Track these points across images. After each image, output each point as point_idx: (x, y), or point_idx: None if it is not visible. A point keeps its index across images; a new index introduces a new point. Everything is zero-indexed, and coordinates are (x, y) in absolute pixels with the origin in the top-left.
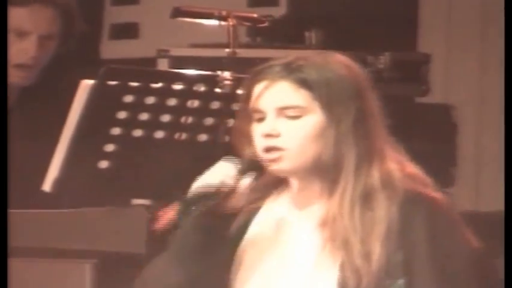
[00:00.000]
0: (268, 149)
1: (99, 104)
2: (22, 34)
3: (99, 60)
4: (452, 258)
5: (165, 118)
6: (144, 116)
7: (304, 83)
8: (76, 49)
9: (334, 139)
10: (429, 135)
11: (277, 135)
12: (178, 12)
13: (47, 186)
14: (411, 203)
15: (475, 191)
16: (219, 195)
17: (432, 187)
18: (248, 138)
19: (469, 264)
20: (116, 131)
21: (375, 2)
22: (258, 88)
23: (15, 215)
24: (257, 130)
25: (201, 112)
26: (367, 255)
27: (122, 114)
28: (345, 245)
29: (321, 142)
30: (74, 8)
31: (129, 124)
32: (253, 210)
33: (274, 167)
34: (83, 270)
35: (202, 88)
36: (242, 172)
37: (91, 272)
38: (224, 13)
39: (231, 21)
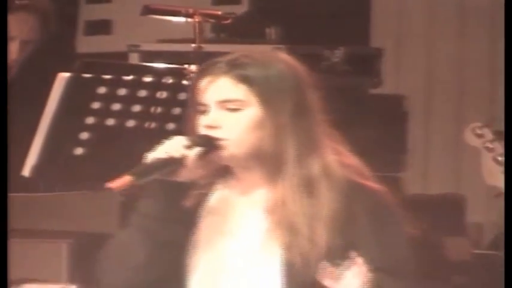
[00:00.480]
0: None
1: (75, 95)
2: (11, 39)
3: (74, 54)
4: (392, 246)
5: (136, 108)
6: (116, 107)
7: (244, 79)
8: (53, 44)
9: (272, 131)
10: (382, 123)
11: (218, 127)
12: (148, 10)
13: (26, 171)
14: (352, 192)
15: (423, 176)
16: (168, 166)
17: (372, 178)
18: (196, 128)
19: (407, 251)
20: (90, 120)
21: (330, 0)
22: (202, 83)
23: None
24: (201, 122)
25: (169, 103)
26: (312, 239)
27: (95, 105)
28: (291, 229)
29: (259, 133)
30: (52, 12)
31: (103, 114)
32: (204, 195)
33: (217, 155)
34: (60, 249)
35: (170, 80)
36: (188, 147)
37: (67, 251)
38: (190, 11)
39: (197, 18)
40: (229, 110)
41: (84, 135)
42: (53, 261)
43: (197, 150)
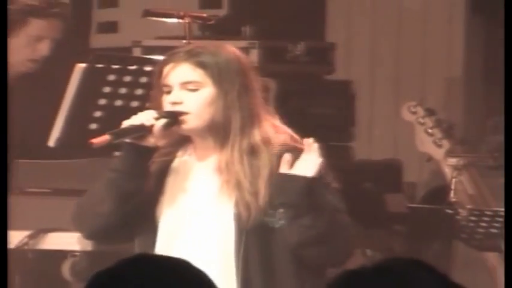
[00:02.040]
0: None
1: (89, 81)
2: (37, 38)
3: (88, 49)
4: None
5: (139, 92)
6: (122, 90)
7: (200, 64)
8: (71, 41)
9: (223, 106)
10: (334, 103)
11: (180, 103)
12: (147, 13)
13: (51, 142)
14: (285, 153)
15: (368, 145)
16: (139, 131)
17: (299, 141)
18: (160, 106)
19: (337, 201)
20: (102, 101)
21: (293, 4)
22: (166, 69)
23: (24, 164)
24: (166, 99)
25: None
26: (255, 193)
27: (106, 89)
28: (238, 186)
29: (213, 108)
30: (71, 15)
31: (112, 96)
32: (168, 161)
33: (180, 126)
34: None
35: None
36: (157, 119)
37: None
38: (182, 13)
39: (187, 20)
40: (189, 90)
41: (97, 114)
42: (68, 214)
43: (163, 121)
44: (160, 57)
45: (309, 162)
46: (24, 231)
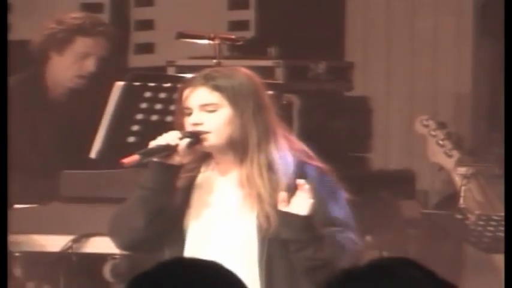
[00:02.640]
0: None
1: (127, 98)
2: (85, 55)
3: (127, 68)
4: (333, 203)
5: (173, 107)
6: (158, 106)
7: (216, 88)
8: (111, 61)
9: (240, 124)
10: (353, 117)
11: (201, 123)
12: (181, 35)
13: (93, 154)
14: (302, 169)
15: (384, 155)
16: (165, 151)
17: (315, 158)
18: (183, 126)
19: (347, 210)
20: (139, 116)
21: (314, 27)
22: (186, 92)
23: (70, 174)
24: (188, 121)
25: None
26: (274, 205)
27: (143, 105)
28: (259, 198)
29: (231, 127)
30: (114, 35)
31: (148, 112)
32: (193, 177)
33: (202, 144)
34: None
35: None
36: (180, 139)
37: None
38: (212, 35)
39: (217, 41)
40: (207, 111)
41: (135, 128)
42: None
43: (187, 141)
44: (191, 75)
45: (303, 201)
46: (68, 236)
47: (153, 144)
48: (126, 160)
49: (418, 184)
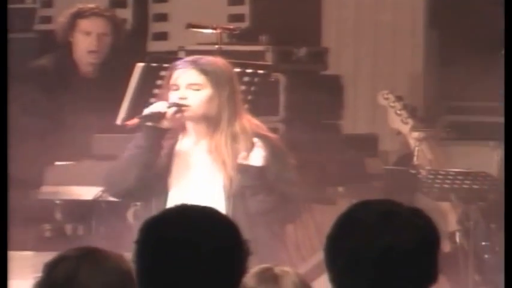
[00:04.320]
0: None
1: (146, 76)
2: (87, 34)
3: (146, 52)
4: (285, 172)
5: None
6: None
7: (202, 71)
8: (133, 47)
9: (217, 103)
10: (328, 91)
11: (185, 98)
12: (189, 25)
13: (119, 121)
14: (260, 140)
15: (353, 122)
16: (156, 117)
17: (268, 131)
18: (167, 99)
19: (291, 171)
20: (156, 91)
21: (297, 19)
22: (176, 73)
23: (98, 137)
24: (173, 95)
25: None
26: (236, 168)
27: (159, 82)
28: (223, 164)
29: (209, 104)
30: (117, 17)
31: (164, 87)
32: (173, 143)
33: (184, 115)
34: None
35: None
36: (168, 107)
37: None
38: (215, 25)
39: (219, 30)
40: (193, 89)
41: (152, 100)
42: None
43: (172, 109)
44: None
45: (257, 156)
46: (99, 187)
47: (147, 111)
48: (129, 122)
49: (380, 145)
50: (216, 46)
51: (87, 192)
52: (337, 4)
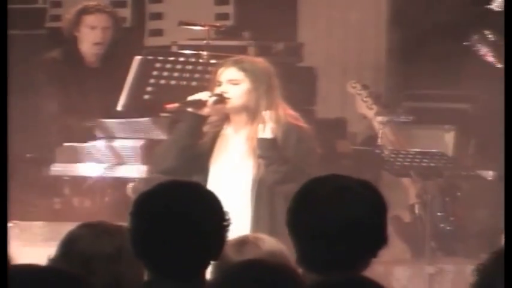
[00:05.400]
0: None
1: (144, 67)
2: (93, 28)
3: (143, 46)
4: (310, 155)
5: (176, 74)
6: (165, 73)
7: (242, 69)
8: (132, 42)
9: (255, 96)
10: (303, 81)
11: (226, 92)
12: (182, 23)
13: (119, 107)
14: (290, 128)
15: (325, 108)
16: (198, 104)
17: (301, 120)
18: (214, 90)
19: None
20: (151, 80)
21: (276, 18)
22: (220, 70)
23: (101, 121)
24: (217, 90)
25: (192, 71)
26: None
27: (154, 73)
28: (254, 151)
29: (247, 97)
30: (116, 12)
31: (158, 77)
32: (217, 131)
33: (225, 106)
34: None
35: (193, 59)
36: (210, 97)
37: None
38: (203, 23)
39: (207, 27)
40: (232, 84)
41: (149, 89)
42: (131, 153)
43: (214, 98)
44: (189, 52)
45: (268, 129)
46: (102, 164)
47: (190, 98)
48: (169, 106)
49: (348, 128)
50: (205, 41)
51: (92, 170)
52: (310, 4)
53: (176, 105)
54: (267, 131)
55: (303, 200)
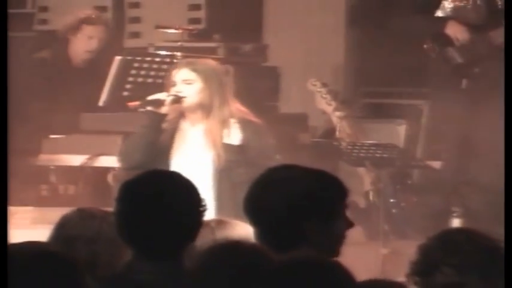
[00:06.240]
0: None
1: (123, 66)
2: (90, 37)
3: (123, 47)
4: (267, 147)
5: (152, 73)
6: (142, 72)
7: (193, 69)
8: (113, 43)
9: (208, 94)
10: (268, 79)
11: (181, 92)
12: (158, 26)
13: (101, 103)
14: (243, 123)
15: (287, 104)
16: (157, 103)
17: (252, 115)
18: (170, 91)
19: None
20: (130, 79)
21: (243, 22)
22: (174, 72)
23: (84, 115)
24: (172, 90)
25: (167, 71)
26: (223, 147)
27: (133, 72)
28: (214, 143)
29: (200, 95)
30: (109, 23)
31: (136, 76)
32: (175, 127)
33: (181, 105)
34: (117, 140)
35: (168, 59)
36: (167, 97)
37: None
38: (177, 27)
39: (181, 30)
40: (186, 84)
41: (128, 86)
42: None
43: (171, 98)
44: (164, 52)
45: (237, 136)
46: (85, 155)
47: (149, 98)
48: (131, 104)
49: (309, 122)
50: (179, 43)
51: (76, 160)
52: (275, 9)
53: (137, 103)
54: (232, 136)
55: (255, 189)
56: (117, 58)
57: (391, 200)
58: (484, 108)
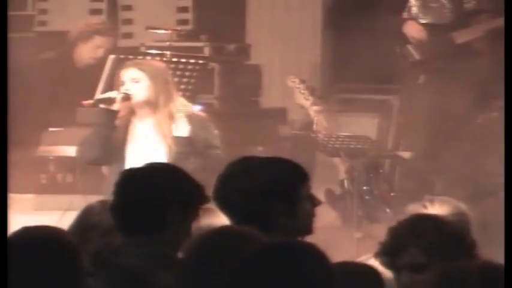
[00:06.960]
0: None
1: (116, 63)
2: (99, 47)
3: (116, 47)
4: (214, 138)
5: None
6: None
7: (140, 69)
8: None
9: (154, 90)
10: (250, 76)
11: (129, 90)
12: (149, 27)
13: (96, 97)
14: (189, 116)
15: (263, 99)
16: (109, 101)
17: (195, 111)
18: (119, 90)
19: (218, 142)
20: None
21: (228, 23)
22: (122, 71)
23: (80, 110)
24: (122, 88)
25: None
26: (172, 139)
27: (125, 68)
28: (165, 136)
29: (147, 92)
30: (117, 36)
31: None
32: (126, 124)
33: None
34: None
35: (158, 58)
36: (118, 95)
37: None
38: (167, 27)
39: (170, 31)
40: (134, 82)
41: (121, 83)
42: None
43: (121, 95)
44: (155, 51)
45: (184, 128)
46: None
47: (100, 96)
48: (85, 102)
49: (288, 116)
50: (168, 43)
51: (73, 151)
52: (257, 12)
53: (91, 101)
54: (180, 129)
55: (220, 182)
56: (111, 57)
57: (365, 188)
58: (447, 101)
